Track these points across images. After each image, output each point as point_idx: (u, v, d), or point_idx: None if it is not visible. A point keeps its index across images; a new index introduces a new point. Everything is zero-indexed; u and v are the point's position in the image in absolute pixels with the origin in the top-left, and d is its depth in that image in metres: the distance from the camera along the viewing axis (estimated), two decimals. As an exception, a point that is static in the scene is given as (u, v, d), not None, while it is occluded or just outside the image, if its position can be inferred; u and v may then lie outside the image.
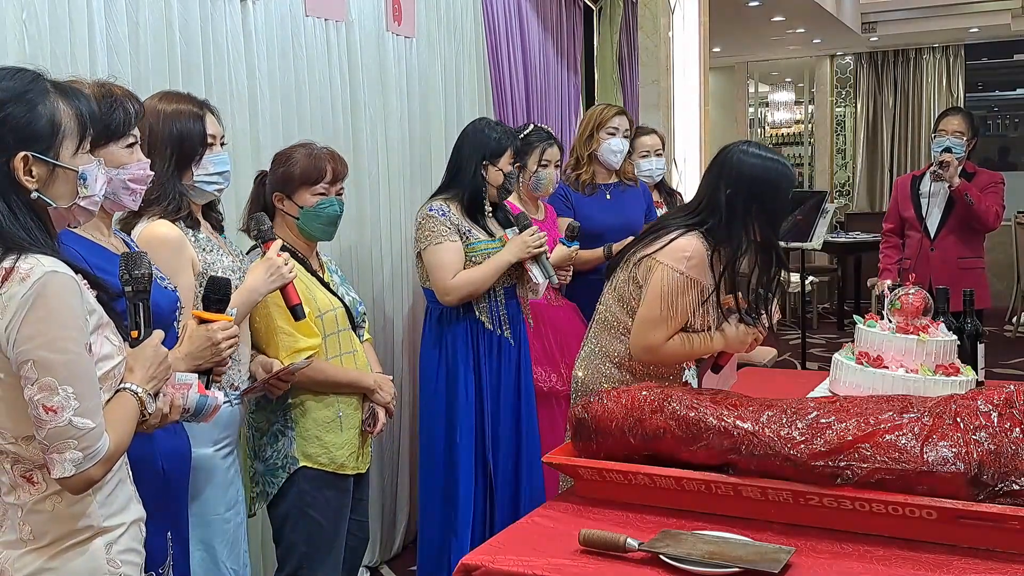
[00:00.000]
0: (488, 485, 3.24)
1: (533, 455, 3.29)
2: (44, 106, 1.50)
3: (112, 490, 1.58)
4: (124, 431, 1.54)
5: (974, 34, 10.09)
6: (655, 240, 2.44)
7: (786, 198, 2.50)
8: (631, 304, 2.45)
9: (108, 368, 1.54)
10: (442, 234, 3.08)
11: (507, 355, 3.24)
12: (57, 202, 1.52)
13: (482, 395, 3.20)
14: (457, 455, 3.16)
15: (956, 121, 4.36)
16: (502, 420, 3.26)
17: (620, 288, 2.48)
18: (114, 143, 1.80)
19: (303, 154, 2.58)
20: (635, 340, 2.43)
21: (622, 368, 2.49)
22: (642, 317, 2.41)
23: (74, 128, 1.53)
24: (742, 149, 2.46)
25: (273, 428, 2.53)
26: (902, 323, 2.54)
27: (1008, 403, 1.84)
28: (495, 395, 3.24)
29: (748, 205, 2.39)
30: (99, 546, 1.54)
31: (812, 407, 1.91)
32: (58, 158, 1.51)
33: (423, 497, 3.30)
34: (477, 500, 3.21)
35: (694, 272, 2.37)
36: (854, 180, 11.26)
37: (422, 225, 3.13)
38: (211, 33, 2.89)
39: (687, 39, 6.19)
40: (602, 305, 2.56)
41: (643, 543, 1.73)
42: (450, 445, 3.17)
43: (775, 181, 2.43)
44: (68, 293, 1.45)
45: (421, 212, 3.18)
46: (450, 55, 4.07)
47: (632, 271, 2.46)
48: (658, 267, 2.38)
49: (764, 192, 2.41)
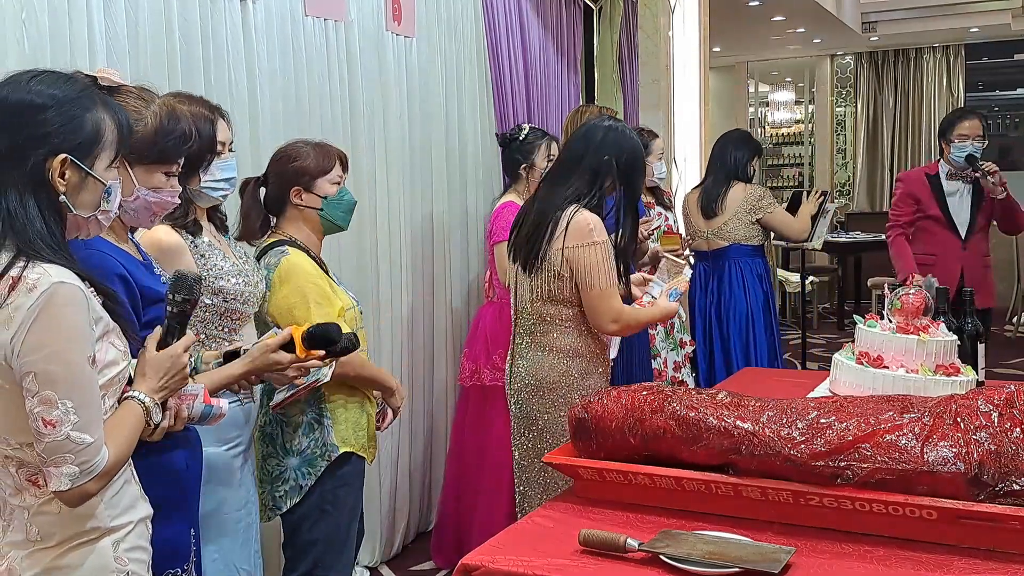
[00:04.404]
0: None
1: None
2: (92, 114, 1.52)
3: (118, 491, 1.58)
4: (125, 442, 1.54)
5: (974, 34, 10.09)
6: (549, 233, 2.63)
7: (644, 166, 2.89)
8: (562, 295, 2.66)
9: (113, 374, 1.54)
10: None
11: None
12: (79, 210, 1.52)
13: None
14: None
15: (977, 124, 4.30)
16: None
17: (543, 289, 2.67)
18: (157, 167, 1.80)
19: (310, 147, 2.60)
20: (600, 318, 2.64)
21: (568, 355, 2.69)
22: (594, 296, 2.62)
23: (113, 141, 1.55)
24: (610, 125, 2.75)
25: (307, 419, 2.54)
26: (902, 323, 2.53)
27: (1008, 403, 1.84)
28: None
29: (626, 173, 2.71)
30: (106, 545, 1.55)
31: (812, 407, 1.91)
32: (93, 168, 1.52)
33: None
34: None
35: (601, 236, 2.62)
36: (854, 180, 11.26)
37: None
38: (211, 33, 2.89)
39: (687, 39, 6.19)
40: (527, 310, 2.73)
41: (643, 543, 1.73)
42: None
43: (640, 150, 2.79)
44: (74, 304, 1.44)
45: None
46: (450, 55, 4.07)
47: (548, 271, 2.65)
48: (577, 251, 2.60)
49: (634, 160, 2.74)
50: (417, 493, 4.01)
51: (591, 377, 2.72)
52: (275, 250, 2.53)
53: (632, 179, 2.76)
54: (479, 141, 4.29)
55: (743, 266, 4.59)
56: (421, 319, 3.96)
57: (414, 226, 3.89)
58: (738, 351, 4.57)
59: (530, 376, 2.73)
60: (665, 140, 5.19)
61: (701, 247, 4.65)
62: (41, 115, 1.47)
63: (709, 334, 4.65)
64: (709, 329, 4.65)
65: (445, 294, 4.08)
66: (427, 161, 3.94)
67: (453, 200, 4.11)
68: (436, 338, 4.05)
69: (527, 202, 2.89)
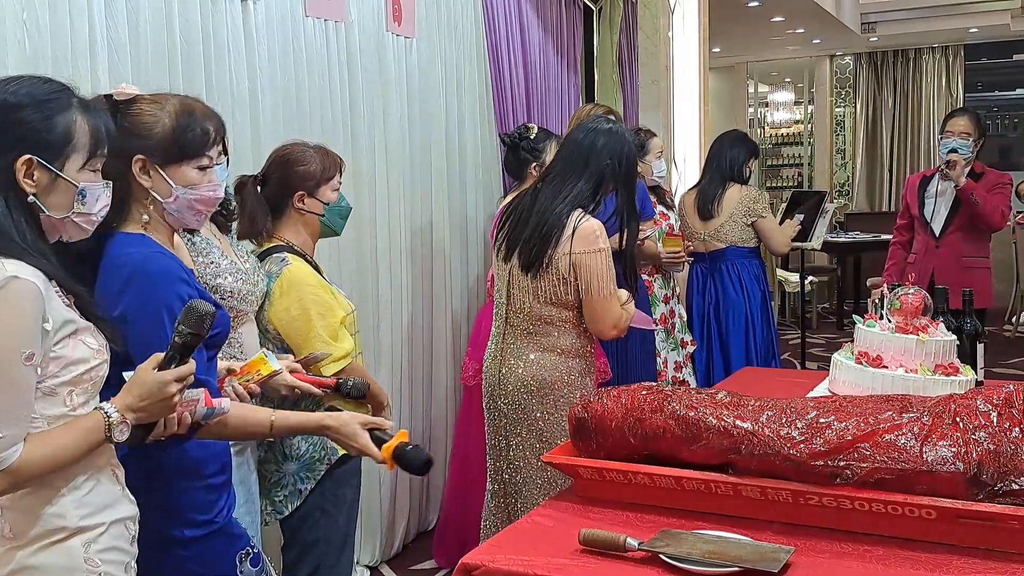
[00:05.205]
0: None
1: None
2: (62, 116, 1.53)
3: (88, 491, 1.58)
4: (55, 448, 1.51)
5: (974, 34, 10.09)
6: (555, 238, 2.66)
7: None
8: (566, 299, 2.69)
9: (81, 371, 1.55)
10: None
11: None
12: (52, 211, 1.54)
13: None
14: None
15: (963, 122, 4.35)
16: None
17: (546, 292, 2.69)
18: (186, 163, 1.81)
19: (313, 151, 2.60)
20: (600, 323, 2.69)
21: (569, 355, 2.73)
22: (596, 303, 2.66)
23: (86, 144, 1.56)
24: (610, 128, 2.78)
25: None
26: (901, 323, 2.53)
27: (1008, 403, 1.84)
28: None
29: (625, 177, 2.77)
30: (76, 545, 1.55)
31: (812, 407, 1.91)
32: (63, 169, 1.54)
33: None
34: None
35: (605, 243, 2.66)
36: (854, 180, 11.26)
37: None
38: (211, 33, 2.89)
39: (687, 39, 6.19)
40: (524, 311, 2.73)
41: (643, 543, 1.73)
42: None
43: (635, 152, 2.85)
44: (23, 299, 1.46)
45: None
46: (450, 55, 4.07)
47: (554, 275, 2.67)
48: (583, 257, 2.64)
49: (632, 164, 2.78)
50: (417, 493, 4.01)
51: (589, 376, 2.79)
52: (275, 257, 2.53)
53: (630, 181, 2.80)
54: (479, 142, 4.29)
55: (740, 267, 4.59)
56: (421, 319, 3.97)
57: (414, 226, 3.89)
58: (737, 352, 4.57)
59: (530, 377, 2.73)
60: (665, 141, 5.19)
61: (698, 249, 4.64)
62: (14, 115, 1.50)
63: (707, 335, 4.65)
64: (707, 330, 4.65)
65: (445, 294, 4.08)
66: (427, 161, 3.94)
67: (453, 200, 4.11)
68: (436, 339, 4.05)
69: (519, 200, 2.86)
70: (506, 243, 2.81)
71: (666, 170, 4.44)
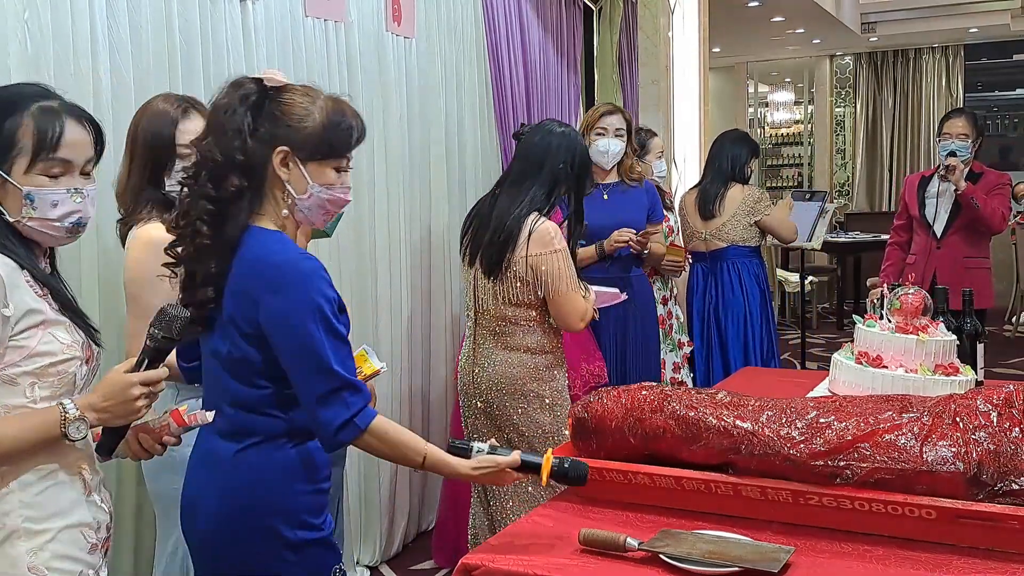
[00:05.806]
0: None
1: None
2: (11, 121, 1.53)
3: (40, 492, 1.55)
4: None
5: (974, 34, 10.09)
6: (513, 242, 2.75)
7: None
8: (527, 299, 2.79)
9: (46, 363, 1.55)
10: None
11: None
12: (9, 214, 1.56)
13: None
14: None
15: (960, 123, 4.32)
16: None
17: (508, 293, 2.79)
18: (328, 161, 1.76)
19: None
20: (568, 319, 2.78)
21: (535, 352, 2.82)
22: (562, 298, 2.75)
23: (29, 147, 1.54)
24: (563, 131, 2.90)
25: None
26: (901, 323, 2.53)
27: (1008, 403, 1.84)
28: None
29: (577, 179, 2.87)
30: (21, 551, 1.52)
31: (812, 407, 1.91)
32: (10, 173, 1.54)
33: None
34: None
35: (561, 244, 2.77)
36: (854, 180, 11.26)
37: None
38: (211, 33, 2.89)
39: (687, 39, 6.18)
40: (490, 313, 2.84)
41: (643, 543, 1.73)
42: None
43: (586, 150, 2.99)
44: None
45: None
46: (450, 55, 4.07)
47: (513, 277, 2.76)
48: (540, 259, 2.73)
49: (583, 166, 2.90)
50: (417, 492, 4.01)
51: (556, 369, 2.88)
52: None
53: (582, 179, 2.91)
54: (479, 142, 4.29)
55: (740, 267, 4.59)
56: (420, 319, 3.97)
57: (413, 226, 3.89)
58: (736, 351, 4.57)
59: (499, 376, 2.82)
60: (665, 141, 5.19)
61: (699, 248, 4.64)
62: None
63: (707, 335, 4.65)
64: (707, 330, 4.65)
65: (444, 294, 4.09)
66: (426, 161, 3.94)
67: (452, 200, 4.11)
68: (435, 338, 4.05)
69: (480, 205, 3.00)
70: (469, 248, 2.91)
71: (666, 170, 4.44)
